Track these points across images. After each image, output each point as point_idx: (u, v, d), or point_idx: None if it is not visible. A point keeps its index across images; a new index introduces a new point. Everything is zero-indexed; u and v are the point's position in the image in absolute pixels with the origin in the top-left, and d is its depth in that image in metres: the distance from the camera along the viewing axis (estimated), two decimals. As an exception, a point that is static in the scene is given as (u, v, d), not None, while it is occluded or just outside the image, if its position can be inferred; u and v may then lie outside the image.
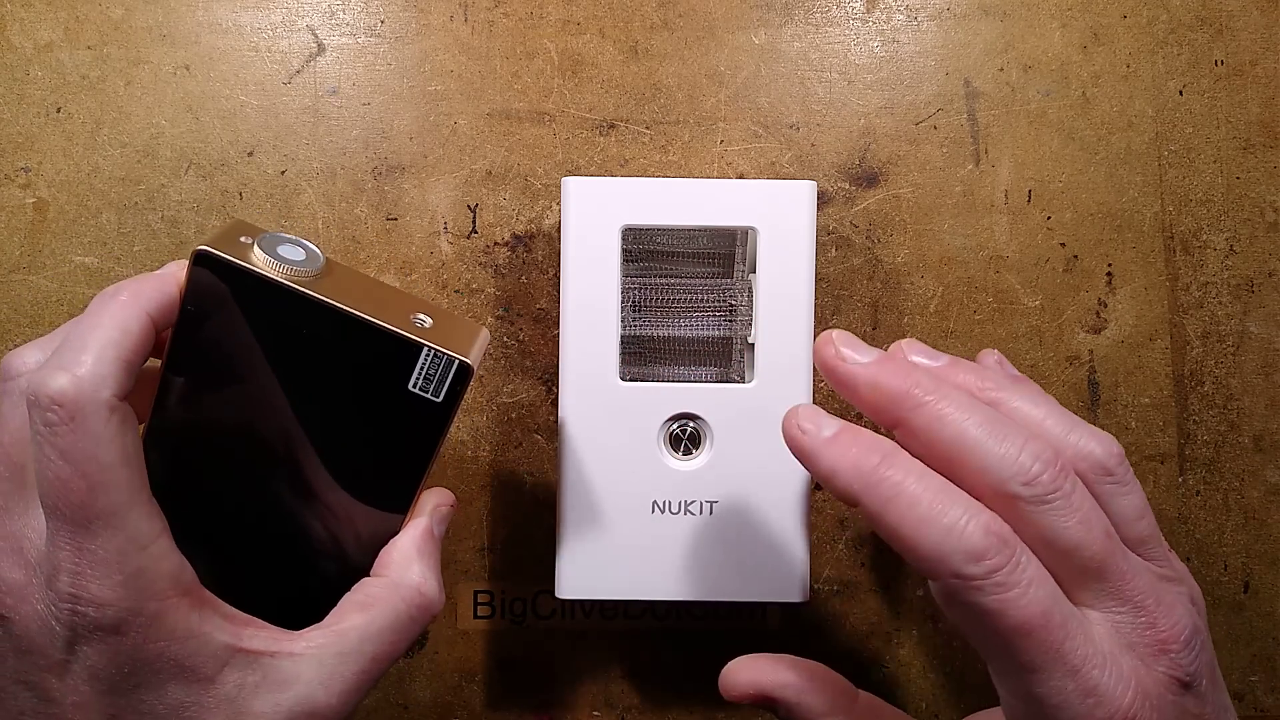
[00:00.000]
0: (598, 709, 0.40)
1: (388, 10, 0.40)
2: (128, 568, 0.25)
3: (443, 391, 0.30)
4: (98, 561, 0.25)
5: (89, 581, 0.25)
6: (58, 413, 0.25)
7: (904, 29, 0.41)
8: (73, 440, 0.25)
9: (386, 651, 0.29)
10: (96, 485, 0.25)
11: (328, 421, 0.30)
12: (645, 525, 0.35)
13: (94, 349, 0.25)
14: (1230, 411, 0.41)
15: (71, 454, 0.25)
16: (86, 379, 0.25)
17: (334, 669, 0.28)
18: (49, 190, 0.40)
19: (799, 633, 0.40)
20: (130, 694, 0.26)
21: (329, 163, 0.40)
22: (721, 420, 0.35)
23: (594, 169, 0.40)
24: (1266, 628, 0.41)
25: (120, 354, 0.26)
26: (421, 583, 0.30)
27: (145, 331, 0.27)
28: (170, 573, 0.26)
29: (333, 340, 0.29)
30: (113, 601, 0.25)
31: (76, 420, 0.25)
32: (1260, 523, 0.41)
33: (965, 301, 0.40)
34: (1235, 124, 0.41)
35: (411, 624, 0.30)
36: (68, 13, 0.40)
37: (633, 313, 0.37)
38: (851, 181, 0.40)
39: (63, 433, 0.25)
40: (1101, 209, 0.40)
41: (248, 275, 0.28)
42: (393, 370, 0.29)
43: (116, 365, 0.25)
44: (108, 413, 0.25)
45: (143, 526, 0.26)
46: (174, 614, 0.26)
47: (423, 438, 0.30)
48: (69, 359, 0.25)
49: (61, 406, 0.25)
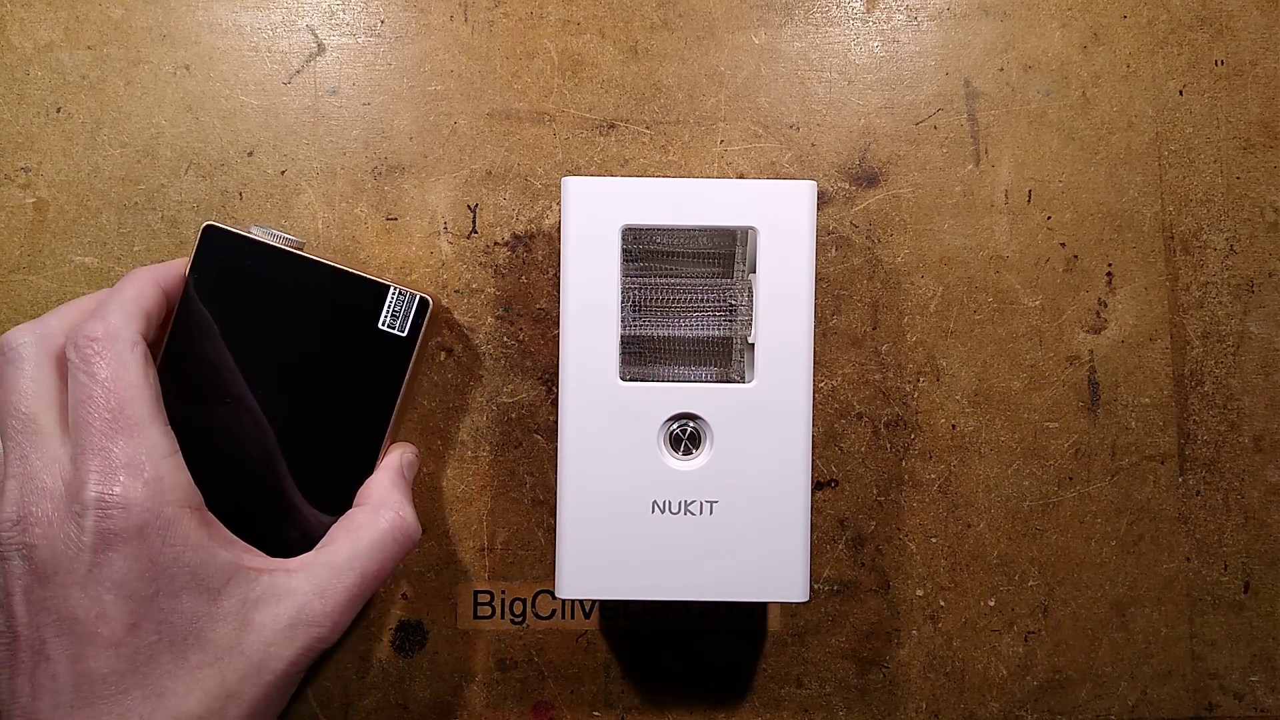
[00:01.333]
0: (598, 709, 0.40)
1: (388, 10, 0.40)
2: (149, 472, 0.29)
3: (408, 326, 0.35)
4: (123, 465, 0.29)
5: (114, 484, 0.29)
6: (93, 346, 0.30)
7: (904, 29, 0.41)
8: (104, 364, 0.30)
9: (374, 569, 0.33)
10: (125, 398, 0.30)
11: (312, 365, 0.35)
12: (645, 525, 0.35)
13: (117, 305, 0.31)
14: (1230, 411, 0.41)
15: (103, 375, 0.30)
16: (115, 322, 0.31)
17: (327, 582, 0.32)
18: (49, 190, 0.40)
19: (799, 633, 0.40)
20: (149, 602, 0.29)
21: (329, 163, 0.40)
22: (721, 420, 0.35)
23: (594, 169, 0.40)
24: (1266, 628, 0.41)
25: (139, 308, 0.32)
26: (400, 508, 0.34)
27: (158, 295, 0.33)
28: (184, 484, 0.30)
29: (315, 290, 0.35)
30: (136, 500, 0.29)
31: (107, 349, 0.30)
32: (1260, 523, 0.41)
33: (965, 301, 0.40)
34: (1235, 124, 0.41)
35: (395, 545, 0.34)
36: (68, 13, 0.40)
37: (633, 313, 0.37)
38: (851, 181, 0.40)
39: (96, 360, 0.30)
40: (1101, 209, 0.40)
41: (248, 242, 0.35)
42: (365, 311, 0.35)
43: (137, 313, 0.32)
44: (132, 345, 0.31)
45: (162, 440, 0.30)
46: (187, 523, 0.30)
47: (393, 372, 0.35)
48: (99, 313, 0.31)
49: (96, 341, 0.30)
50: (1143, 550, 0.41)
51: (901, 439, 0.40)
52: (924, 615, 0.41)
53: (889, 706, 0.40)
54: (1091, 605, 0.41)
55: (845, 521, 0.41)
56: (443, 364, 0.40)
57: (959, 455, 0.40)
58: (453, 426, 0.40)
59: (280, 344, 0.35)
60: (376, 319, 0.35)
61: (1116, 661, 0.40)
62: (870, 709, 0.40)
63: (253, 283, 0.35)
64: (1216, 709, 0.41)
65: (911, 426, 0.40)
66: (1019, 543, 0.41)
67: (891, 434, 0.40)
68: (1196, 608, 0.41)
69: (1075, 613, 0.41)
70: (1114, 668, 0.41)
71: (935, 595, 0.41)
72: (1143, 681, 0.41)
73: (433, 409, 0.40)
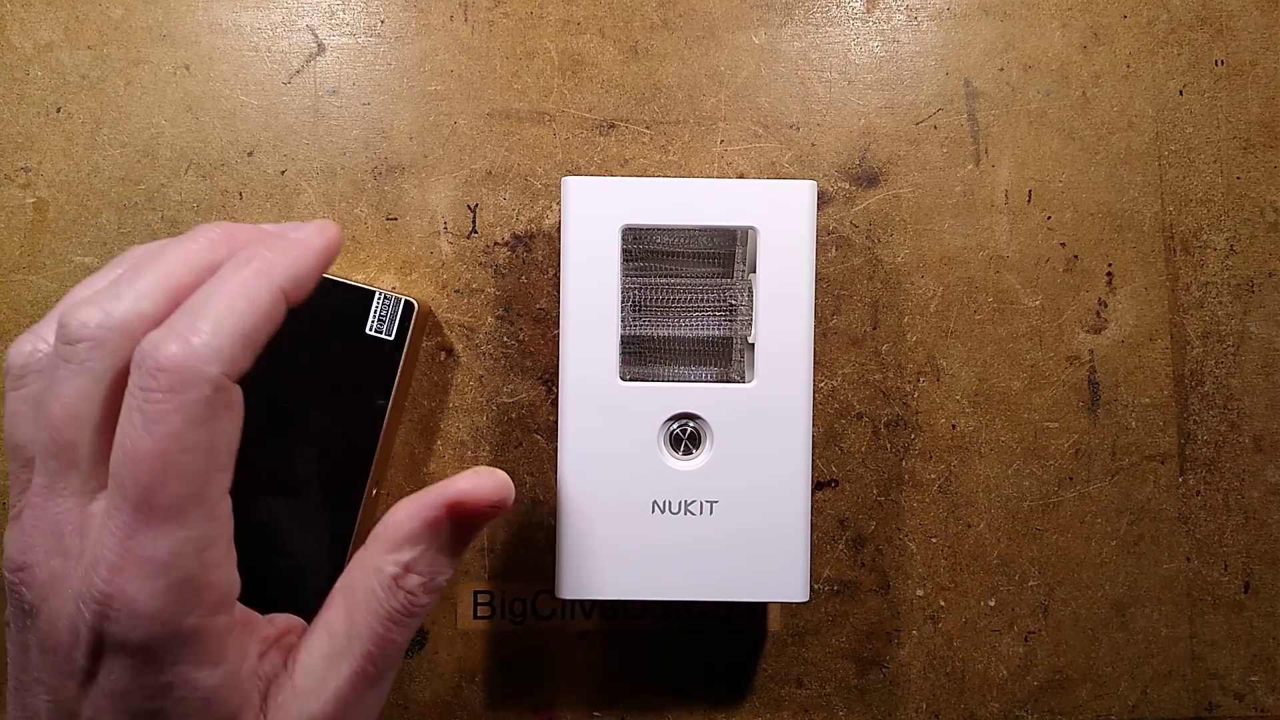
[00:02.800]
0: (598, 709, 0.40)
1: (388, 10, 0.40)
2: (174, 573, 0.23)
3: (394, 329, 0.36)
4: (144, 559, 0.22)
5: (128, 581, 0.22)
6: (158, 379, 0.22)
7: (904, 29, 0.41)
8: (163, 412, 0.22)
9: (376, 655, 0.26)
10: (171, 467, 0.22)
11: (303, 373, 0.36)
12: (645, 525, 0.35)
13: (213, 318, 0.23)
14: (1230, 411, 0.41)
15: (156, 426, 0.22)
16: (199, 349, 0.22)
17: (328, 677, 0.26)
18: (49, 190, 0.40)
19: (799, 633, 0.40)
20: (153, 718, 0.24)
21: (329, 163, 0.40)
22: (721, 420, 0.35)
23: (594, 169, 0.40)
24: (1266, 628, 0.41)
25: (241, 328, 0.23)
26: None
27: (274, 307, 0.24)
28: (218, 585, 0.24)
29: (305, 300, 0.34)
30: (148, 610, 0.23)
31: (174, 392, 0.22)
32: (1260, 523, 0.41)
33: (965, 301, 0.40)
34: (1235, 124, 0.41)
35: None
36: (68, 13, 0.40)
37: (633, 313, 0.37)
38: (851, 181, 0.40)
39: (155, 401, 0.22)
40: (1101, 209, 0.40)
41: None
42: (352, 317, 0.36)
43: (234, 339, 0.23)
44: (211, 391, 0.22)
45: (205, 528, 0.23)
46: (208, 639, 0.24)
47: (383, 376, 0.36)
48: (184, 324, 0.23)
49: (164, 373, 0.22)
50: (1143, 550, 0.41)
51: (901, 439, 0.40)
52: (924, 615, 0.41)
53: (889, 707, 0.40)
54: (1091, 605, 0.40)
55: (845, 521, 0.41)
56: (443, 364, 0.40)
57: (959, 455, 0.40)
58: (453, 426, 0.40)
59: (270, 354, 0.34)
60: (364, 324, 0.36)
61: (1116, 661, 0.40)
62: (870, 709, 0.40)
63: None
64: (1217, 709, 0.41)
65: (911, 426, 0.40)
66: (1019, 543, 0.41)
67: (891, 434, 0.40)
68: (1197, 608, 0.41)
69: (1075, 613, 0.41)
70: (1114, 668, 0.40)
71: (935, 595, 0.41)
72: (1143, 682, 0.41)
73: (433, 409, 0.40)
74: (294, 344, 0.35)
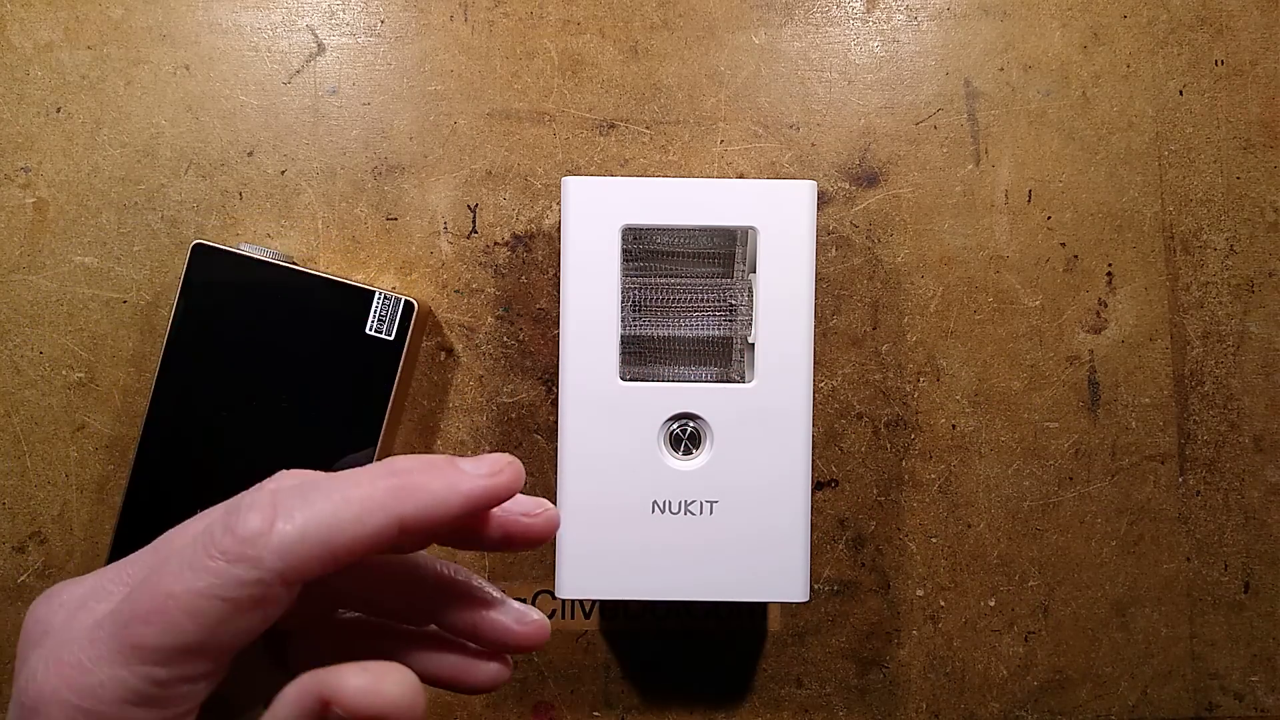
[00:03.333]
0: (598, 709, 0.40)
1: (388, 10, 0.40)
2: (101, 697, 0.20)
3: (394, 329, 0.36)
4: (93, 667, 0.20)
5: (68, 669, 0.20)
6: (223, 541, 0.20)
7: (904, 29, 0.41)
8: (204, 566, 0.20)
9: None
10: (168, 615, 0.20)
11: (304, 372, 0.36)
12: (645, 525, 0.35)
13: (313, 517, 0.21)
14: (1230, 411, 0.41)
15: (187, 572, 0.20)
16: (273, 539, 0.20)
17: None
18: (49, 190, 0.40)
19: (799, 633, 0.40)
20: None
21: (329, 163, 0.40)
22: (721, 420, 0.35)
23: (594, 169, 0.40)
24: (1266, 628, 0.41)
25: (332, 541, 0.20)
26: None
27: (381, 534, 0.21)
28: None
29: (303, 300, 0.36)
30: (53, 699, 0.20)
31: (227, 560, 0.20)
32: (1260, 523, 0.41)
33: (965, 301, 0.40)
34: (1235, 124, 0.41)
35: None
36: (68, 13, 0.40)
37: (633, 313, 0.37)
38: (851, 181, 0.40)
39: (210, 555, 0.20)
40: (1101, 209, 0.40)
41: (236, 256, 0.36)
42: (353, 317, 0.36)
43: (317, 549, 0.20)
44: (252, 580, 0.20)
45: (163, 691, 0.20)
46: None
47: (383, 374, 0.36)
48: (289, 503, 0.21)
49: (231, 537, 0.20)
50: (1143, 550, 0.40)
51: (901, 439, 0.40)
52: (924, 615, 0.41)
53: (889, 706, 0.40)
54: (1091, 605, 0.40)
55: (845, 521, 0.41)
56: (443, 364, 0.40)
57: (959, 455, 0.40)
58: (453, 426, 0.40)
59: (273, 354, 0.36)
60: (364, 324, 0.36)
61: (1117, 661, 0.40)
62: (870, 709, 0.40)
63: (243, 296, 0.36)
64: (1216, 709, 0.41)
65: (911, 426, 0.40)
66: (1019, 543, 0.41)
67: (891, 434, 0.40)
68: (1196, 608, 0.41)
69: (1075, 613, 0.40)
70: (1114, 668, 0.40)
71: (935, 595, 0.41)
72: (1143, 681, 0.41)
73: (433, 409, 0.40)
74: (294, 344, 0.36)
